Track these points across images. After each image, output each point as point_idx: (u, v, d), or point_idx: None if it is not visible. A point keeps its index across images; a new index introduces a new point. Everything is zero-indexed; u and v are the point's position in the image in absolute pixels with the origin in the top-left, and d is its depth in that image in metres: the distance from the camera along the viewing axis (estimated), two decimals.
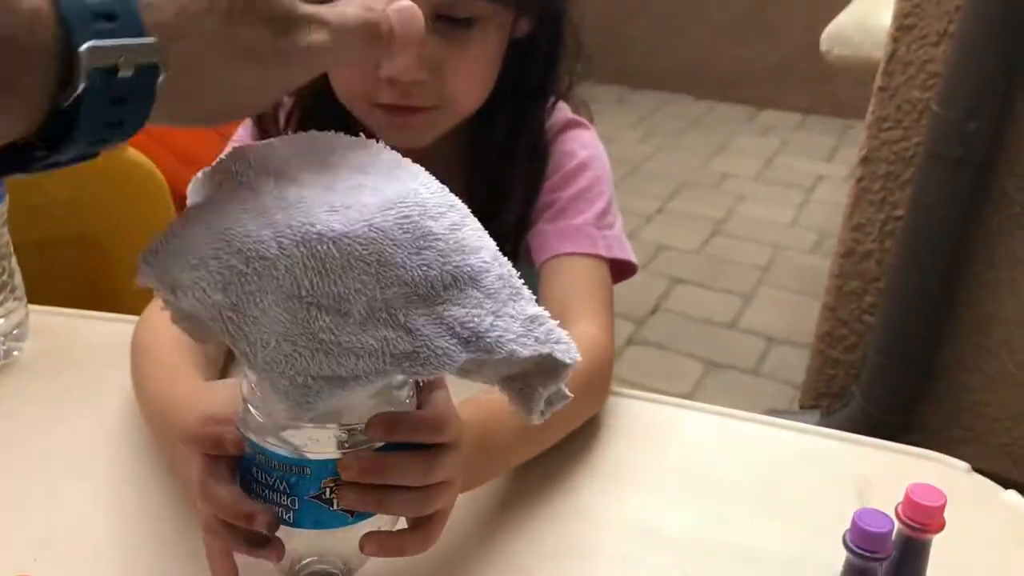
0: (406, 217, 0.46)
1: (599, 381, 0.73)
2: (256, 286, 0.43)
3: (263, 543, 0.52)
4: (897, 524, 0.51)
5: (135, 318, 0.84)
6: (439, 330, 0.46)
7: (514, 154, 0.84)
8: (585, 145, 0.88)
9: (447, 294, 0.46)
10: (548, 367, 0.49)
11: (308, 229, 0.43)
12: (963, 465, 0.72)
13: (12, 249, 0.78)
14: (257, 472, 0.50)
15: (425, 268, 0.46)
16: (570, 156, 0.87)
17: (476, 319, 0.46)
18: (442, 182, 0.50)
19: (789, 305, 2.42)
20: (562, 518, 0.65)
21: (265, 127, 0.86)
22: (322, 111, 0.83)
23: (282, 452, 0.49)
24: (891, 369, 1.59)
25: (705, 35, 3.86)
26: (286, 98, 0.86)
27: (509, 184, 0.84)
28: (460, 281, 0.47)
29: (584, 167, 0.86)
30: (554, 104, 0.88)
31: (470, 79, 0.79)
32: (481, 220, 0.50)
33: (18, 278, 0.78)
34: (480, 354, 0.46)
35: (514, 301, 0.48)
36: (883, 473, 0.71)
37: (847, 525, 0.52)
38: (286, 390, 0.44)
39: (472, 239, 0.48)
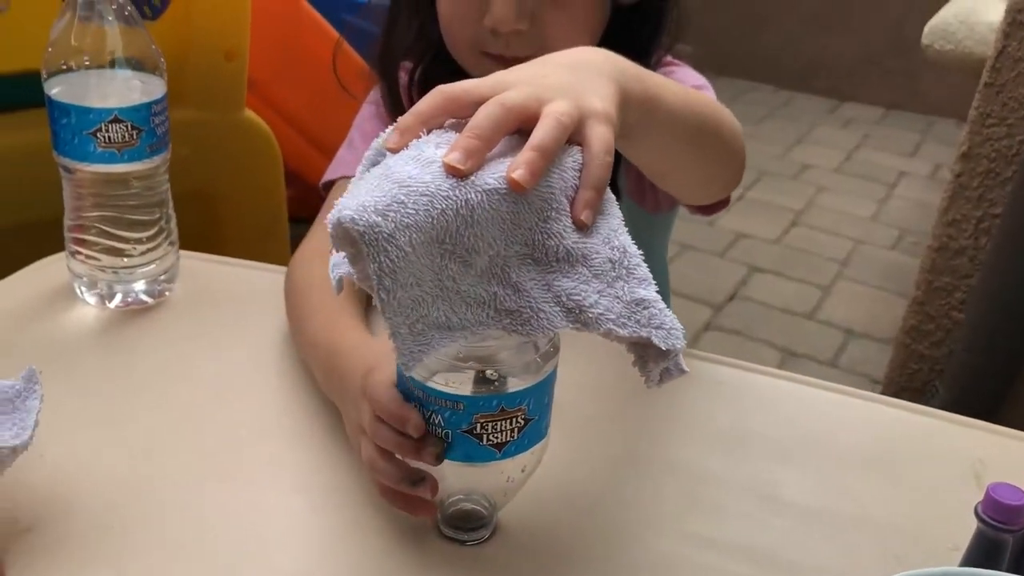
0: (548, 186, 0.50)
1: (737, 142, 0.73)
2: (412, 220, 0.46)
3: (419, 480, 0.56)
4: None
5: (271, 267, 0.89)
6: (546, 295, 0.50)
7: None
8: (688, 73, 0.89)
9: (559, 265, 0.50)
10: (656, 347, 0.51)
11: (465, 179, 0.47)
12: None
13: (170, 196, 0.82)
14: (416, 406, 0.55)
15: (547, 236, 0.50)
16: (680, 78, 0.87)
17: (582, 293, 0.49)
18: None
19: (868, 299, 2.41)
20: (687, 478, 0.68)
21: (391, 85, 0.90)
22: (441, 71, 0.87)
23: (439, 388, 0.53)
24: (978, 367, 1.58)
25: (789, 24, 3.82)
26: (407, 63, 0.90)
27: None
28: (573, 257, 0.50)
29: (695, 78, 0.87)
30: (659, 61, 0.89)
31: (570, 31, 0.80)
32: None
33: (173, 224, 0.83)
34: (579, 326, 0.50)
35: (624, 281, 0.51)
36: (997, 455, 0.73)
37: (966, 503, 0.54)
38: (404, 337, 0.48)
39: (593, 223, 0.51)
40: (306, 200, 1.21)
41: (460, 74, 0.88)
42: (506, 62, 0.80)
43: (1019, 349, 1.56)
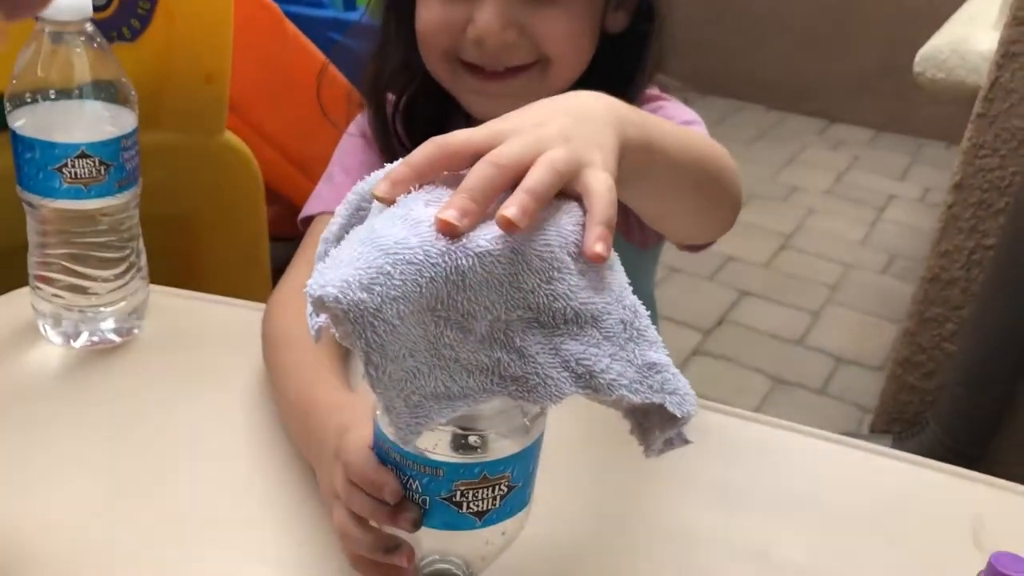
0: (547, 245, 0.47)
1: (734, 185, 0.70)
2: (400, 292, 0.43)
3: (394, 548, 0.53)
4: None
5: (249, 304, 0.86)
6: (553, 360, 0.47)
7: None
8: (678, 107, 0.87)
9: (567, 328, 0.47)
10: (666, 413, 0.48)
11: (455, 242, 0.44)
12: None
13: (141, 231, 0.79)
14: (392, 470, 0.51)
15: (552, 298, 0.47)
16: (671, 115, 0.84)
17: (592, 358, 0.47)
18: None
19: (858, 325, 2.39)
20: (677, 541, 0.65)
21: (379, 111, 0.87)
22: (424, 103, 0.85)
23: (418, 452, 0.50)
24: (970, 400, 1.56)
25: (782, 45, 3.82)
26: (390, 94, 0.87)
27: None
28: (582, 318, 0.47)
29: (695, 123, 0.85)
30: (643, 89, 0.86)
31: (564, 40, 0.78)
32: None
33: (143, 259, 0.80)
34: (589, 392, 0.47)
35: (635, 344, 0.48)
36: (997, 511, 0.70)
37: (965, 564, 0.51)
38: (399, 411, 0.45)
39: (599, 278, 0.49)
40: (289, 218, 1.18)
41: (444, 106, 0.85)
42: (486, 77, 0.78)
43: (1011, 383, 1.54)
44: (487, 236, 0.45)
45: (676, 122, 0.82)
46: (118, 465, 0.67)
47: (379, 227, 0.45)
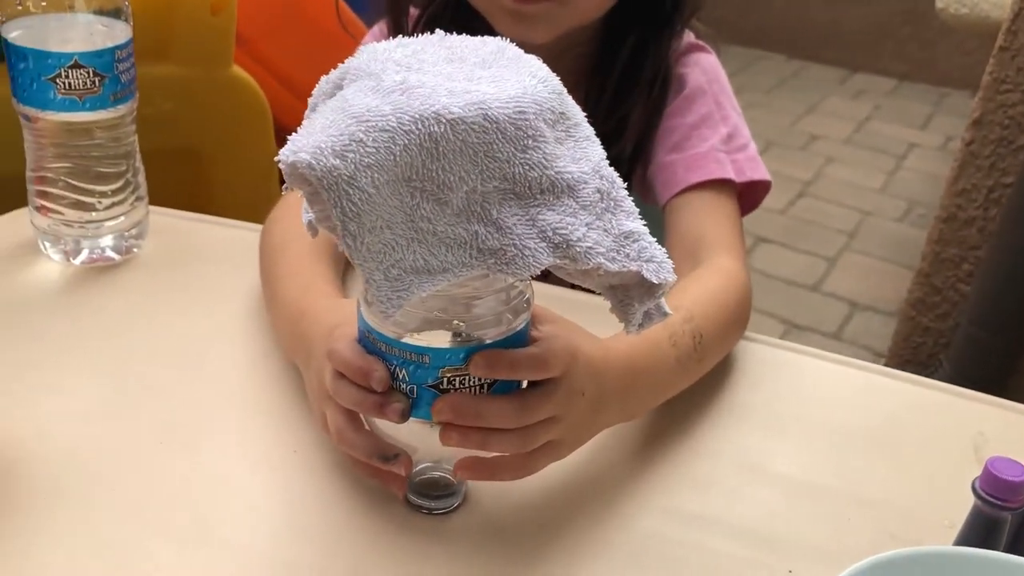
0: (521, 113, 0.46)
1: (743, 313, 0.72)
2: (374, 159, 0.43)
3: (392, 456, 0.53)
4: None
5: (247, 225, 0.85)
6: (529, 231, 0.46)
7: (636, 82, 0.83)
8: (705, 70, 0.85)
9: (543, 198, 0.47)
10: (644, 283, 0.48)
11: (427, 108, 0.44)
12: None
13: (138, 148, 0.79)
14: (379, 360, 0.51)
15: (527, 167, 0.46)
16: (689, 81, 0.84)
17: (569, 227, 0.46)
18: None
19: (874, 272, 2.37)
20: (679, 450, 0.65)
21: (398, 22, 0.86)
22: (447, 17, 0.84)
23: (402, 339, 0.50)
24: (984, 341, 1.55)
25: None
26: (413, 8, 0.86)
27: (628, 113, 0.83)
28: (558, 187, 0.47)
29: (703, 92, 0.84)
30: (680, 32, 0.86)
31: None
32: None
33: (142, 177, 0.80)
34: (567, 262, 0.47)
35: (611, 214, 0.48)
36: (1000, 428, 0.69)
37: (966, 479, 0.50)
38: (379, 284, 0.45)
39: (578, 148, 0.49)
40: None
41: (470, 25, 0.83)
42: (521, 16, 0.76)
43: None
44: (459, 103, 0.44)
45: (689, 86, 0.82)
46: (113, 377, 0.67)
47: (351, 96, 0.45)
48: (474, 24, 0.82)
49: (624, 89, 0.83)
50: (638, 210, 0.49)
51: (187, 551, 0.54)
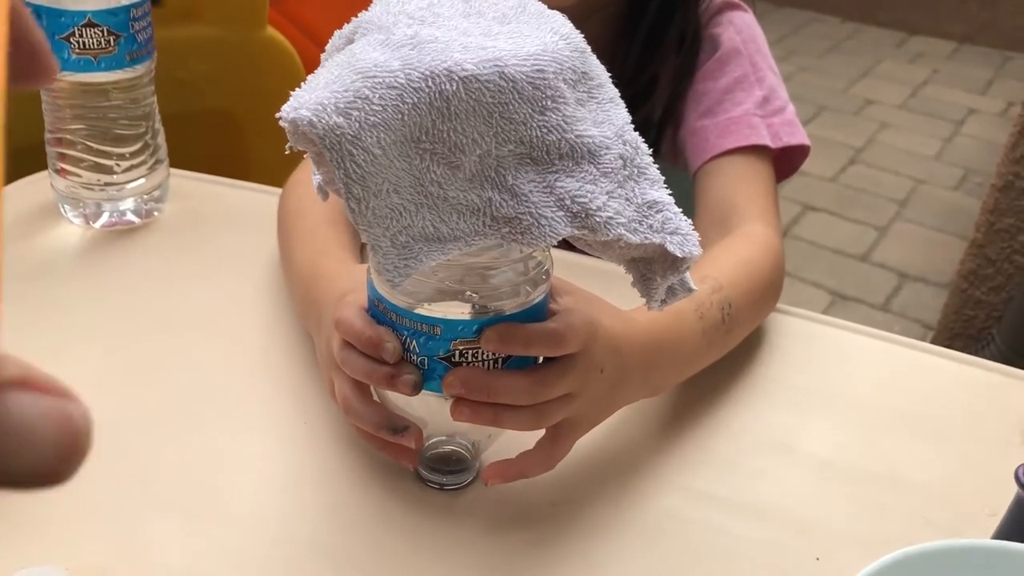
0: (540, 72, 0.43)
1: (776, 283, 0.69)
2: (380, 118, 0.40)
3: (402, 428, 0.51)
4: None
5: (272, 189, 0.84)
6: (547, 199, 0.44)
7: (665, 42, 0.79)
8: (740, 29, 0.81)
9: (561, 163, 0.44)
10: (668, 256, 0.46)
11: (439, 65, 0.41)
12: None
13: (157, 110, 0.77)
14: (389, 331, 0.49)
15: (545, 130, 0.43)
16: (723, 41, 0.81)
17: (588, 195, 0.44)
18: None
19: (926, 242, 2.30)
20: (703, 428, 0.62)
21: None
22: None
23: (414, 310, 0.48)
24: None
25: None
26: None
27: (657, 74, 0.79)
28: (577, 153, 0.44)
29: (737, 53, 0.80)
30: None
31: None
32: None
33: (161, 139, 0.78)
34: (586, 232, 0.44)
35: (634, 182, 0.45)
36: None
37: (1008, 465, 0.47)
38: (386, 251, 0.42)
39: (600, 110, 0.46)
40: None
41: None
42: None
43: None
44: (473, 60, 0.42)
45: (722, 47, 0.78)
46: (129, 341, 0.66)
47: (359, 51, 0.42)
48: None
49: (652, 48, 0.79)
50: (663, 178, 0.46)
51: (192, 523, 0.52)
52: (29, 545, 0.50)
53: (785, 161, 0.79)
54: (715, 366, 0.64)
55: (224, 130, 1.38)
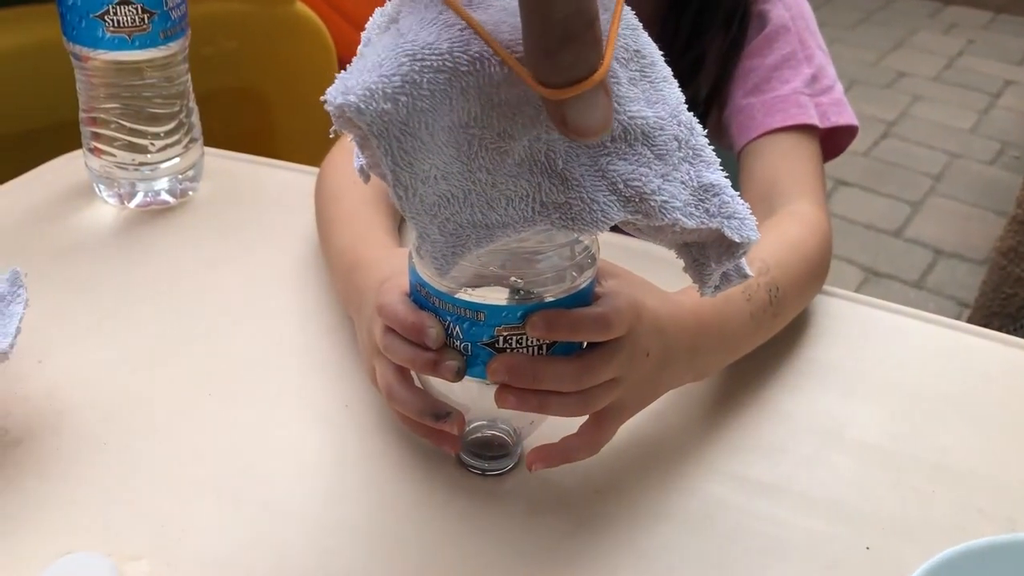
0: None
1: (823, 264, 0.68)
2: (428, 103, 0.39)
3: (444, 415, 0.50)
4: None
5: (308, 168, 0.83)
6: (599, 183, 0.42)
7: (712, 18, 0.77)
8: (789, 6, 0.79)
9: (614, 146, 0.42)
10: (724, 241, 0.44)
11: (488, 48, 0.39)
12: None
13: (191, 88, 0.76)
14: (431, 316, 0.48)
15: None
16: (772, 18, 0.79)
17: (643, 178, 0.42)
18: None
19: (961, 217, 2.27)
20: (748, 413, 0.61)
21: None
22: None
23: (456, 295, 0.47)
24: None
25: None
26: None
27: (705, 51, 0.78)
28: (631, 135, 0.42)
29: (785, 30, 0.78)
30: None
31: None
32: None
33: (195, 117, 0.78)
34: (639, 217, 0.43)
35: (689, 164, 0.43)
36: None
37: None
38: (434, 239, 0.41)
39: (654, 90, 0.44)
40: None
41: None
42: None
43: None
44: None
45: (770, 24, 0.76)
46: (165, 322, 0.66)
47: (406, 31, 0.41)
48: None
49: (701, 26, 0.77)
50: (719, 160, 0.45)
51: (233, 508, 0.52)
52: (73, 532, 0.50)
53: (831, 141, 0.77)
54: (759, 349, 0.63)
55: (251, 107, 1.37)
